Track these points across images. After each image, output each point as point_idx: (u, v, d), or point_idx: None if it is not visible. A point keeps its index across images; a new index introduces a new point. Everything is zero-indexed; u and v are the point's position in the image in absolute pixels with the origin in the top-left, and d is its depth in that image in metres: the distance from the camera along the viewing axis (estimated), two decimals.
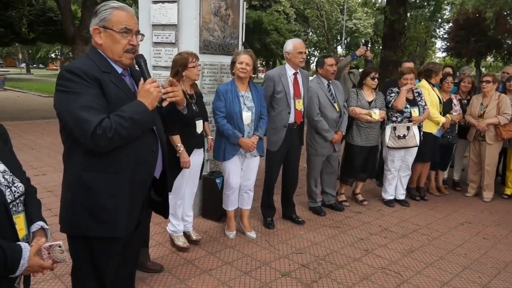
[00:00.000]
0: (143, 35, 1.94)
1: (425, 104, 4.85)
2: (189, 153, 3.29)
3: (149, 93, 1.82)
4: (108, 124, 1.69)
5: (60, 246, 1.50)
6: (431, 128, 5.00)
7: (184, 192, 3.48)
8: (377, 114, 4.64)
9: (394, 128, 4.74)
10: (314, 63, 6.62)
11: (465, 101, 5.55)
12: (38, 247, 1.48)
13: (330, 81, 4.39)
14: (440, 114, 5.02)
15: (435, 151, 5.14)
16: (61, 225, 1.90)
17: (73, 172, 1.81)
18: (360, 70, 6.02)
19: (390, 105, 4.75)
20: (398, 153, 4.83)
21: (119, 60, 1.87)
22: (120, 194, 1.83)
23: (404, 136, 4.71)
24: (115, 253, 1.96)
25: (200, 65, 3.32)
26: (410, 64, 5.57)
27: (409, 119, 4.73)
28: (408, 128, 4.72)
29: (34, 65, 60.31)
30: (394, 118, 4.78)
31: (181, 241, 3.54)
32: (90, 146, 1.71)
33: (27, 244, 1.47)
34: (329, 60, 4.34)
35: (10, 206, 1.49)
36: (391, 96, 4.77)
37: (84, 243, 1.88)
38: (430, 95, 4.98)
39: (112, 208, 1.82)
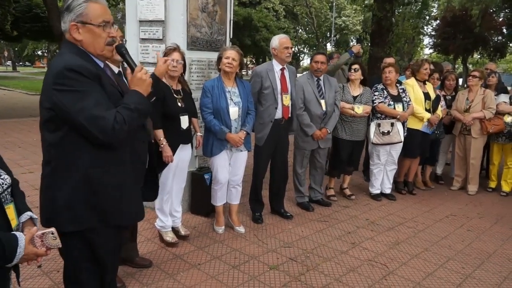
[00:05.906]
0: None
1: (409, 100, 4.91)
2: (175, 148, 3.29)
3: (142, 81, 1.85)
4: (121, 117, 1.72)
5: (53, 233, 1.55)
6: (416, 124, 5.03)
7: (171, 187, 3.49)
8: (360, 109, 4.67)
9: (379, 125, 4.78)
10: (304, 60, 6.63)
11: (449, 97, 5.63)
12: (31, 235, 1.52)
13: (320, 77, 4.41)
14: (429, 110, 5.07)
15: (424, 147, 5.18)
16: (56, 222, 1.79)
17: (78, 171, 1.77)
18: None
19: (373, 105, 4.79)
20: (383, 149, 4.89)
21: (101, 54, 1.84)
22: (123, 186, 1.88)
23: (389, 132, 4.76)
24: (117, 244, 2.03)
25: (173, 59, 3.22)
26: (390, 60, 5.64)
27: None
28: (392, 124, 4.78)
29: (21, 63, 59.40)
30: (378, 115, 4.83)
31: (170, 237, 3.55)
32: (109, 141, 1.74)
33: (21, 233, 1.51)
34: (316, 57, 4.38)
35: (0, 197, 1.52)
36: (374, 95, 4.81)
37: (81, 238, 1.85)
38: (415, 91, 5.04)
39: (118, 199, 1.87)
